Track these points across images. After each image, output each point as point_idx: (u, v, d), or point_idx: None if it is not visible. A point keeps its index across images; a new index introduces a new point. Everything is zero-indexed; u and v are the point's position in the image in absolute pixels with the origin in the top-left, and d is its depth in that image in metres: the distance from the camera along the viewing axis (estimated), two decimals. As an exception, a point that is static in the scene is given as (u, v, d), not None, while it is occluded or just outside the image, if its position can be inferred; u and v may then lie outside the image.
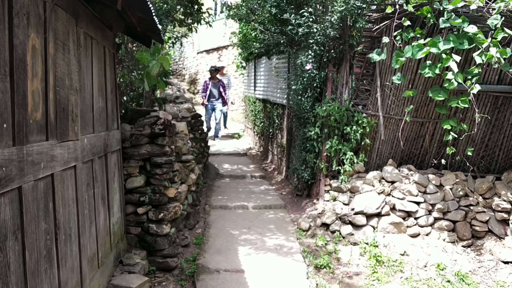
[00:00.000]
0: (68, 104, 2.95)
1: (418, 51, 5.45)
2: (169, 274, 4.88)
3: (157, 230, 4.83)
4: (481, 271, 5.41)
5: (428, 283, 5.05)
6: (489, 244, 5.85)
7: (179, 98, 10.71)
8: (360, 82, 6.54)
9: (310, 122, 6.73)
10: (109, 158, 4.12)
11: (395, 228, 5.90)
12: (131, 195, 4.84)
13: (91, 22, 3.62)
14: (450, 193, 6.08)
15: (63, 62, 2.87)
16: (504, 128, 6.33)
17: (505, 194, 5.92)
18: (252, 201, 7.42)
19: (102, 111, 3.98)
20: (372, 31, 6.19)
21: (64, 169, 2.85)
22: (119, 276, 4.07)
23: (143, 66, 5.66)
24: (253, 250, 5.59)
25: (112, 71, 4.39)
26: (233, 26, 12.46)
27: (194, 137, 7.84)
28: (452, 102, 5.65)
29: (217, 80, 12.79)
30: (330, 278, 5.09)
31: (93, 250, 3.54)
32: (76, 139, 3.12)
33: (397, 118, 6.35)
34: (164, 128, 4.88)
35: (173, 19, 7.33)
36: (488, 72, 5.97)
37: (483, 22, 5.59)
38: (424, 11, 5.51)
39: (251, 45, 10.37)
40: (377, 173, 6.30)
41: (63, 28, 2.89)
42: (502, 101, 6.15)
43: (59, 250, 2.71)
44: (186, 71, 20.55)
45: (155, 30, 4.35)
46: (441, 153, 6.47)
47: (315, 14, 6.49)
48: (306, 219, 6.34)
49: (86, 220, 3.37)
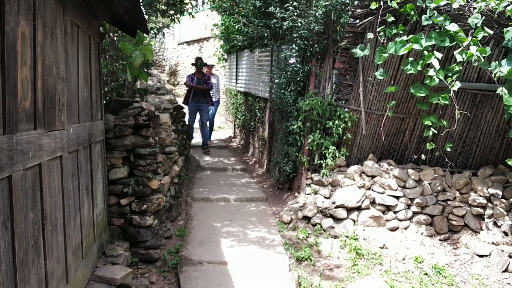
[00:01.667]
0: (55, 93, 2.91)
1: (401, 48, 5.54)
2: (152, 265, 4.87)
3: (140, 221, 4.81)
4: (457, 264, 5.56)
5: (406, 276, 5.16)
6: (465, 238, 6.01)
7: (160, 89, 10.61)
8: (343, 77, 6.61)
9: (293, 116, 6.77)
10: (93, 149, 4.08)
11: (375, 221, 6.01)
12: (114, 186, 4.80)
13: (78, 10, 3.56)
14: (429, 188, 6.22)
15: (51, 51, 2.82)
16: (482, 125, 6.48)
17: (481, 189, 6.08)
18: (233, 194, 7.44)
19: (87, 100, 3.93)
20: (356, 26, 6.25)
21: (51, 159, 2.81)
22: (103, 267, 4.04)
23: (125, 56, 5.61)
24: (235, 242, 5.62)
25: (96, 60, 4.33)
26: (215, 18, 12.41)
27: (176, 129, 7.80)
28: (433, 99, 5.77)
29: (202, 75, 10.47)
30: (311, 270, 5.16)
31: (78, 241, 3.51)
32: (63, 128, 3.08)
33: (378, 114, 6.45)
34: (149, 119, 4.85)
35: (156, 10, 7.25)
36: (467, 70, 6.10)
37: (464, 20, 5.70)
38: (407, 8, 5.59)
39: (234, 37, 10.34)
40: (358, 168, 6.39)
41: (51, 16, 2.84)
42: (480, 99, 6.30)
43: (46, 240, 2.68)
44: (166, 62, 20.38)
45: (141, 20, 4.29)
46: (421, 148, 6.60)
47: (299, 8, 6.52)
48: (288, 212, 6.40)
49: (71, 210, 3.34)
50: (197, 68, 10.37)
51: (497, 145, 6.62)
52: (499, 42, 5.79)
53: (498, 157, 6.68)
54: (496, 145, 6.62)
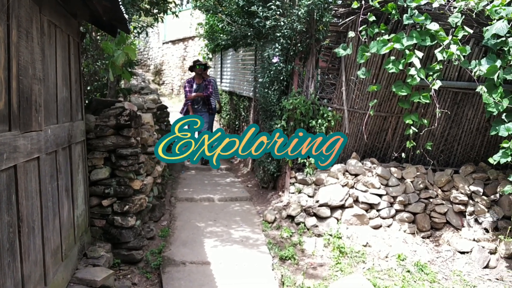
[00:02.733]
0: (31, 93, 2.87)
1: (383, 47, 5.58)
2: (134, 266, 4.84)
3: (122, 222, 4.78)
4: (439, 261, 5.62)
5: (389, 273, 5.21)
6: (447, 235, 6.08)
7: (144, 89, 10.58)
8: (326, 76, 6.63)
9: (277, 115, 6.77)
10: (73, 150, 4.04)
11: (358, 220, 6.05)
12: (96, 187, 4.76)
13: (55, 10, 3.52)
14: (411, 185, 6.27)
15: (26, 51, 2.78)
16: (463, 123, 6.56)
17: (462, 187, 6.15)
18: (218, 193, 7.43)
19: (66, 101, 3.88)
20: (338, 25, 6.27)
21: (27, 161, 2.77)
22: (84, 269, 4.01)
23: (107, 55, 5.55)
24: (219, 242, 5.61)
25: (76, 60, 4.29)
26: (199, 17, 12.35)
27: (160, 129, 7.77)
28: (414, 97, 5.82)
29: (202, 80, 9.11)
30: (295, 269, 5.17)
31: (57, 243, 3.47)
32: (40, 129, 3.04)
33: (361, 112, 6.48)
34: (130, 119, 4.81)
35: (139, 9, 7.20)
36: (448, 69, 6.16)
37: (444, 20, 5.76)
38: (388, 8, 5.63)
39: (218, 36, 10.31)
40: (341, 166, 6.42)
41: (26, 15, 2.80)
42: (461, 97, 6.36)
43: (22, 243, 2.65)
44: (151, 62, 20.26)
45: (121, 20, 4.26)
46: (403, 146, 6.65)
47: (282, 8, 6.52)
48: (272, 211, 6.40)
49: (50, 212, 3.30)
50: (196, 71, 9.11)
51: (478, 143, 6.70)
52: (479, 41, 5.86)
53: (479, 154, 6.77)
54: (477, 143, 6.70)
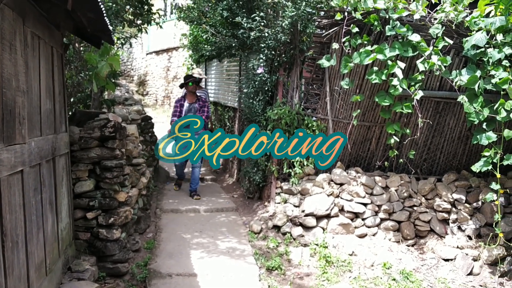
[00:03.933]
0: (15, 106, 2.84)
1: (366, 57, 5.65)
2: (120, 279, 4.77)
3: (107, 235, 4.72)
4: (424, 269, 5.66)
5: (375, 282, 5.23)
6: (431, 242, 6.14)
7: (128, 100, 10.53)
8: (310, 86, 6.69)
9: (262, 125, 6.79)
10: (57, 162, 4.00)
11: (344, 229, 6.07)
12: (80, 200, 4.71)
13: (39, 21, 3.50)
14: (395, 194, 6.33)
15: (9, 63, 2.76)
16: (445, 132, 6.66)
17: (445, 195, 6.23)
18: (203, 204, 7.40)
19: (50, 113, 3.85)
20: (322, 36, 6.34)
21: (10, 174, 2.74)
22: (68, 283, 3.95)
23: (91, 66, 5.53)
24: (205, 253, 5.58)
25: (60, 72, 4.26)
26: (183, 27, 12.37)
27: (144, 140, 7.72)
28: (396, 107, 5.90)
29: (196, 99, 7.83)
30: (282, 279, 5.16)
31: (41, 257, 3.42)
32: (23, 142, 3.01)
33: (345, 122, 6.54)
34: (115, 131, 4.78)
35: (123, 20, 7.19)
36: (430, 79, 6.26)
37: (425, 31, 5.87)
38: (371, 19, 5.72)
39: (202, 47, 10.34)
40: (326, 176, 6.46)
41: (9, 28, 2.78)
42: (443, 106, 6.47)
43: (6, 258, 2.61)
44: (134, 72, 20.19)
45: (105, 31, 4.25)
46: (387, 155, 6.72)
47: (266, 19, 6.58)
48: (258, 221, 6.40)
49: (34, 226, 3.25)
50: (188, 89, 7.82)
51: (460, 151, 6.81)
52: (459, 52, 5.97)
53: (461, 163, 6.87)
54: (459, 151, 6.81)
